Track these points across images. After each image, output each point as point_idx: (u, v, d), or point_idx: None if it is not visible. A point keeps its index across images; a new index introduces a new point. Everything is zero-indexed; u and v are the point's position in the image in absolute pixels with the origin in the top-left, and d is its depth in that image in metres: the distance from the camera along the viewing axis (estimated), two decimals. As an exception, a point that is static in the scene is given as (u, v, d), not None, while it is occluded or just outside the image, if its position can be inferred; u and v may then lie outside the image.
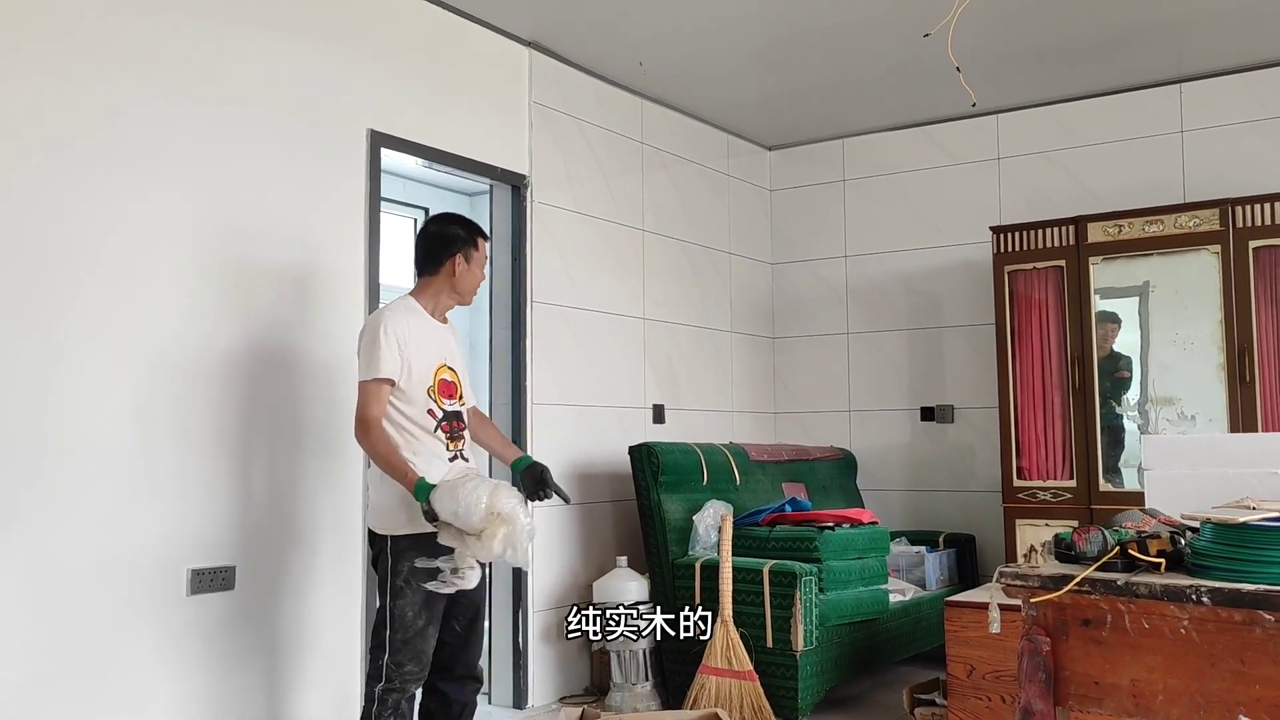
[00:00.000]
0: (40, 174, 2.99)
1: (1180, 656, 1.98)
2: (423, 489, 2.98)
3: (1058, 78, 5.12)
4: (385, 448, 3.07)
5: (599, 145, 5.01)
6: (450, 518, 2.90)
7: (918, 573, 5.02)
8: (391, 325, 3.11)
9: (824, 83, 5.19)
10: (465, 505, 2.88)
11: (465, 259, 3.24)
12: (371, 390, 3.08)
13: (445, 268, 3.24)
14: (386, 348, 3.07)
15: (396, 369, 3.09)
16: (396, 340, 3.09)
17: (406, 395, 3.13)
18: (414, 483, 3.00)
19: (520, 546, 2.91)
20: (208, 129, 3.40)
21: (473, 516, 2.88)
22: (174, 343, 3.27)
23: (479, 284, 3.33)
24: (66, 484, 2.99)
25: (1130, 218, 4.69)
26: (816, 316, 6.06)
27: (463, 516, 2.88)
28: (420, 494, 2.98)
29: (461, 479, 3.01)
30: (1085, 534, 2.15)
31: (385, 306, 3.23)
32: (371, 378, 3.08)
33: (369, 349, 3.09)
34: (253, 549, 3.45)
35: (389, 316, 3.14)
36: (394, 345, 3.08)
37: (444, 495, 2.94)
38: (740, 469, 4.88)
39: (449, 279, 3.25)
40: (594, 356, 4.89)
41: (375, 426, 3.08)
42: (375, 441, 3.07)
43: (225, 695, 3.35)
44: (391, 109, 4.01)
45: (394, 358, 3.08)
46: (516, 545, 2.90)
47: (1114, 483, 4.67)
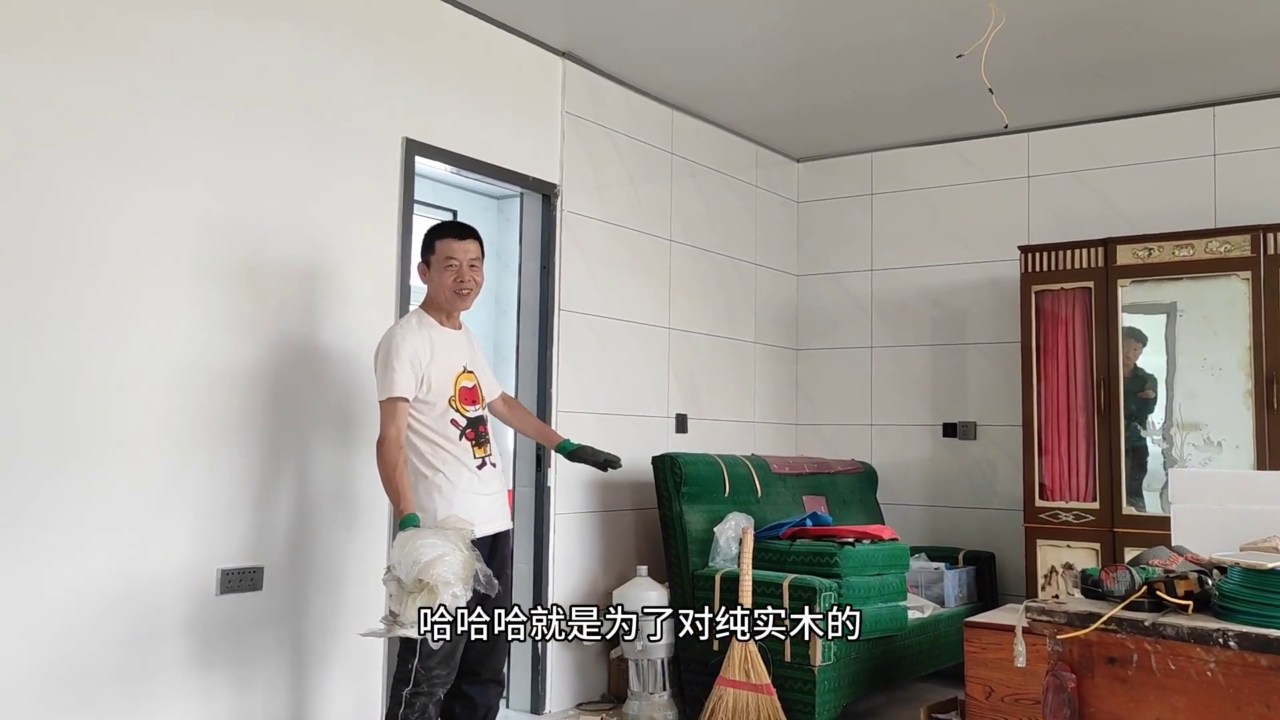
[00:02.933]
0: (65, 173, 3.03)
1: (1206, 699, 1.99)
2: (406, 524, 3.00)
3: (1090, 98, 5.10)
4: (390, 470, 3.10)
5: (629, 155, 5.03)
6: (395, 564, 2.89)
7: (936, 589, 5.02)
8: (403, 344, 3.15)
9: (854, 99, 5.19)
10: (405, 558, 2.85)
11: (427, 264, 3.31)
12: (388, 410, 3.14)
13: (425, 277, 3.32)
14: (399, 368, 3.12)
15: (411, 387, 3.14)
16: (409, 358, 3.14)
17: (429, 407, 3.17)
18: (403, 514, 3.04)
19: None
20: (239, 133, 3.43)
21: (405, 573, 2.85)
22: (205, 347, 3.31)
23: (451, 287, 3.26)
24: (98, 485, 3.04)
25: (1160, 241, 4.68)
26: (840, 329, 6.06)
27: (402, 569, 2.86)
28: (402, 528, 3.01)
29: (425, 532, 2.94)
30: (1113, 572, 2.16)
31: (398, 324, 3.28)
32: (386, 397, 3.13)
33: (383, 370, 3.15)
34: (280, 550, 3.50)
35: (400, 335, 3.18)
36: (406, 364, 3.13)
37: (400, 541, 2.92)
38: (762, 481, 4.90)
39: (429, 286, 3.32)
40: (619, 365, 4.92)
41: (386, 446, 3.12)
42: (384, 462, 3.11)
43: (251, 692, 3.40)
44: (426, 117, 4.04)
45: (407, 376, 3.13)
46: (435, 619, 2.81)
47: (1137, 506, 4.66)
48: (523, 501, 4.54)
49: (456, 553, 2.90)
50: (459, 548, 2.93)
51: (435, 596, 2.81)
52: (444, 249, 3.30)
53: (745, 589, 4.16)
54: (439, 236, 3.33)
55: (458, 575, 2.86)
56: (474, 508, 3.20)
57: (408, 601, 2.84)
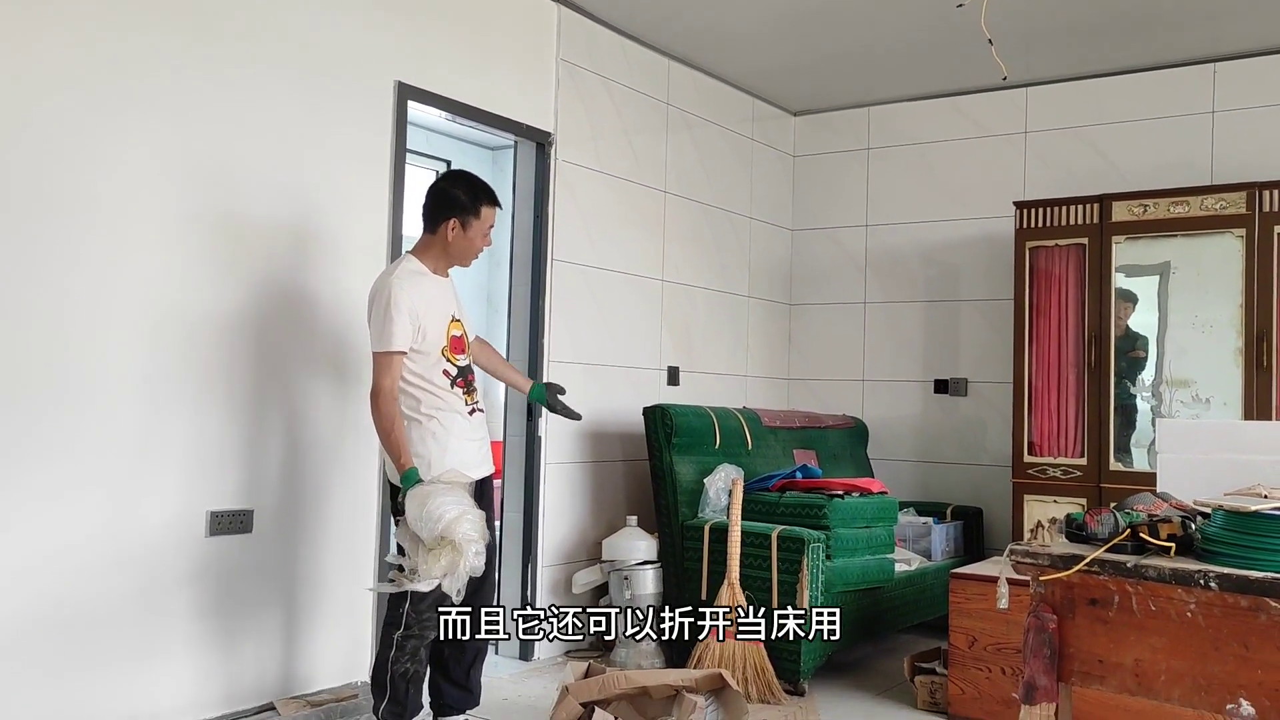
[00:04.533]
0: (55, 121, 3.00)
1: (1185, 639, 2.01)
2: (409, 478, 3.01)
3: (1091, 53, 5.06)
4: (388, 424, 3.08)
5: (624, 104, 4.99)
6: (412, 521, 2.91)
7: (924, 543, 5.06)
8: (402, 295, 3.09)
9: (852, 50, 5.14)
10: (427, 517, 2.88)
11: (462, 225, 3.20)
12: (384, 362, 3.09)
13: (441, 230, 3.21)
14: (399, 321, 3.07)
15: (408, 341, 3.10)
16: (408, 310, 3.09)
17: (423, 357, 3.16)
18: (404, 469, 3.03)
19: (459, 578, 2.87)
20: (229, 79, 3.40)
21: (427, 531, 2.88)
22: (195, 292, 3.30)
23: (477, 251, 3.27)
24: (90, 426, 3.04)
25: (1156, 198, 4.67)
26: (834, 284, 6.05)
27: (422, 526, 2.89)
28: (407, 482, 3.01)
29: (439, 488, 2.97)
30: (1097, 515, 2.17)
31: (391, 272, 3.19)
32: (384, 350, 3.09)
33: (381, 321, 3.09)
34: (270, 494, 3.51)
35: (398, 286, 3.11)
36: (405, 316, 3.08)
37: (415, 498, 2.94)
38: (753, 434, 4.91)
39: (444, 242, 3.23)
40: (611, 316, 4.91)
41: (383, 398, 3.09)
42: (381, 415, 3.09)
43: (241, 635, 3.42)
44: (419, 62, 4.00)
45: (406, 329, 3.09)
46: (457, 576, 2.86)
47: (1124, 462, 4.69)
48: (514, 451, 4.55)
49: (474, 509, 2.95)
50: (474, 504, 2.98)
51: (460, 553, 2.84)
52: (489, 216, 3.25)
53: (734, 540, 4.18)
54: (485, 202, 3.24)
55: (480, 532, 2.92)
56: (466, 452, 3.21)
57: (428, 558, 2.85)
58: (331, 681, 3.66)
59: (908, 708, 3.98)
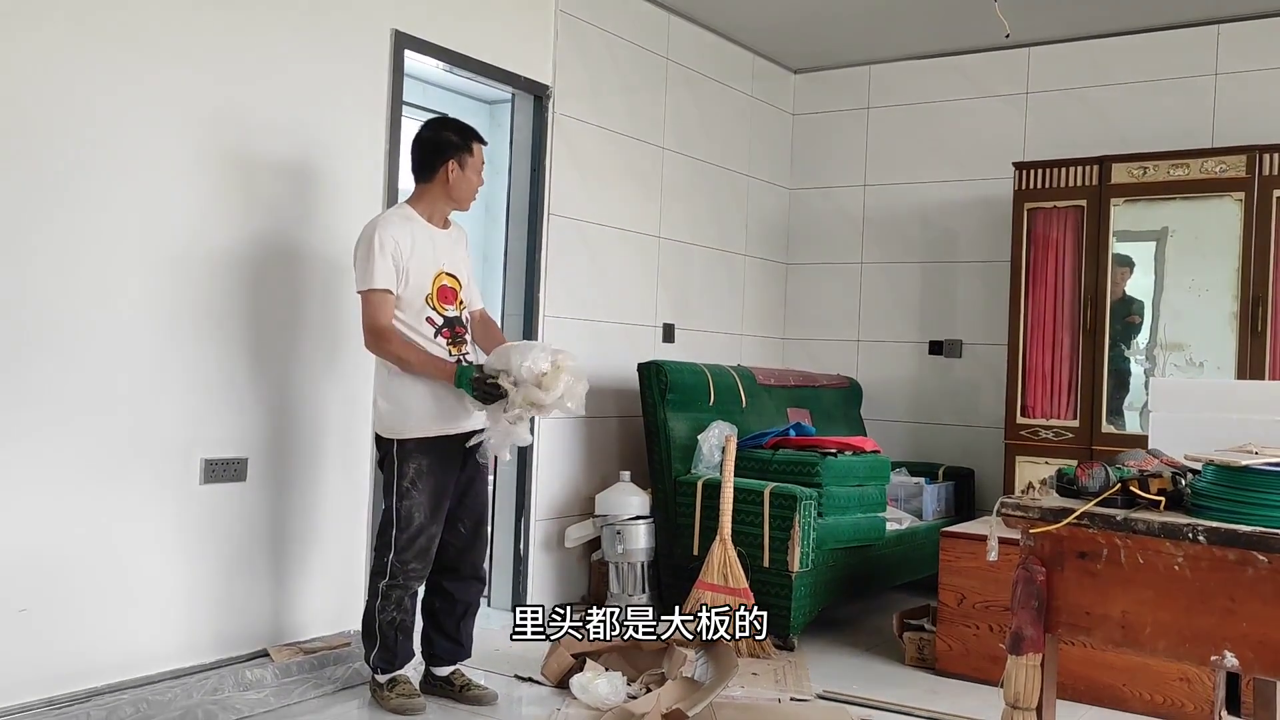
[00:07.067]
0: (58, 61, 2.97)
1: (1172, 592, 2.03)
2: (465, 371, 3.09)
3: (1094, 12, 5.01)
4: (406, 351, 3.11)
5: (623, 58, 4.94)
6: (512, 368, 3.01)
7: (915, 503, 5.09)
8: (385, 235, 3.11)
9: (854, 6, 5.08)
10: (531, 358, 3.01)
11: (459, 165, 3.24)
12: (374, 300, 3.11)
13: (440, 174, 3.24)
14: (380, 259, 3.09)
15: (392, 280, 3.11)
16: (391, 250, 3.10)
17: (405, 303, 3.16)
18: (453, 371, 3.11)
19: (579, 396, 3.09)
20: (230, 24, 3.35)
21: (538, 366, 3.00)
22: (192, 237, 3.28)
23: (476, 190, 3.32)
24: (88, 368, 3.03)
25: (1155, 160, 4.65)
26: (831, 244, 6.03)
27: (527, 367, 3.00)
28: (463, 376, 3.08)
29: (518, 344, 3.15)
30: (1088, 469, 2.18)
31: (380, 216, 3.23)
32: (368, 288, 3.11)
33: (364, 260, 3.12)
34: (264, 443, 3.51)
35: (383, 226, 3.14)
36: (388, 256, 3.09)
37: (500, 355, 3.09)
38: (747, 391, 4.92)
39: (444, 186, 3.25)
40: (607, 272, 4.90)
41: (390, 333, 3.11)
42: (396, 347, 3.11)
43: (233, 582, 3.43)
44: (416, 10, 3.95)
45: (388, 268, 3.10)
46: (577, 395, 3.08)
47: (1116, 425, 4.71)
48: (508, 405, 4.55)
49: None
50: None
51: (581, 373, 3.10)
52: (479, 153, 3.30)
53: (726, 496, 4.20)
54: (475, 139, 3.29)
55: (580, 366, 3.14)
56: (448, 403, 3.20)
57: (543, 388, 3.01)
58: (325, 630, 3.69)
59: (896, 663, 4.02)
